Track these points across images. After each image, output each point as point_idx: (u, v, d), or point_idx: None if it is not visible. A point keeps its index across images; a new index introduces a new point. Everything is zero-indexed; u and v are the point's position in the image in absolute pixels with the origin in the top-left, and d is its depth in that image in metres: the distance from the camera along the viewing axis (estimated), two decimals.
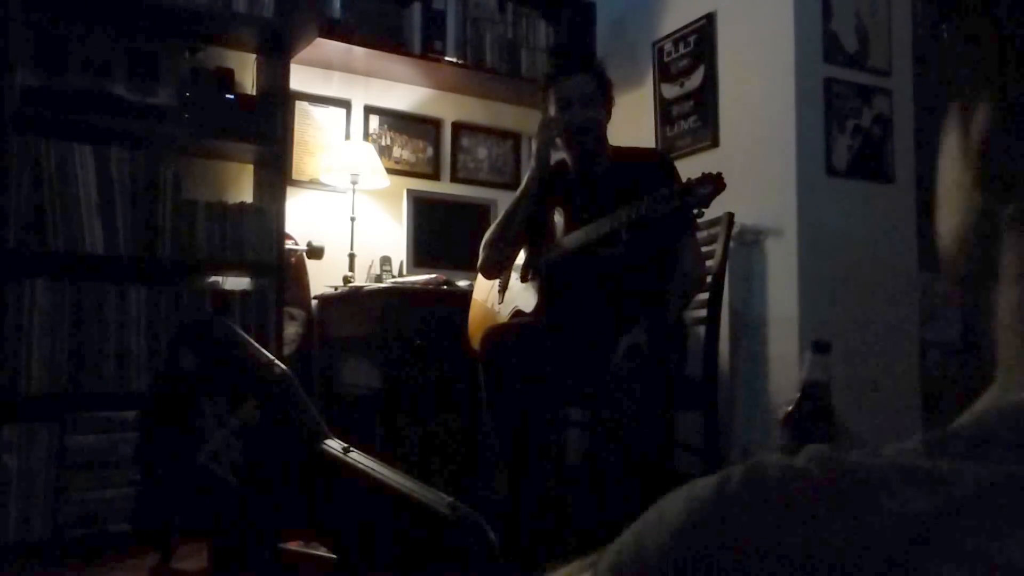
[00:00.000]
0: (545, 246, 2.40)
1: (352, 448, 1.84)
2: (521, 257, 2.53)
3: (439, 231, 3.22)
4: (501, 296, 2.59)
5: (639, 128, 3.31)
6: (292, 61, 2.88)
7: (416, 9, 3.20)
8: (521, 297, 2.48)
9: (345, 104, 3.31)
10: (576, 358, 2.24)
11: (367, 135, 3.35)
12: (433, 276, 2.90)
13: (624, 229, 2.09)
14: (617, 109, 2.48)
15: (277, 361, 1.97)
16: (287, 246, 2.80)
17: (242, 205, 2.70)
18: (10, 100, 2.35)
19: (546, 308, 2.37)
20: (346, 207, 3.12)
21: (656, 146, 3.24)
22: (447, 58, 3.24)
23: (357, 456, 1.82)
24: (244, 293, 2.67)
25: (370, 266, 3.13)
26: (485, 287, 2.67)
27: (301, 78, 3.07)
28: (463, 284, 2.89)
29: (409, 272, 3.09)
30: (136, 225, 2.46)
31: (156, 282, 2.50)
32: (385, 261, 3.13)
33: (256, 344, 2.02)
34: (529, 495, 2.21)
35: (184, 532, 2.14)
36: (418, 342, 2.77)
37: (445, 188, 3.47)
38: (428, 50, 3.20)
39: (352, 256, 3.08)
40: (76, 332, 2.35)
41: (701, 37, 3.09)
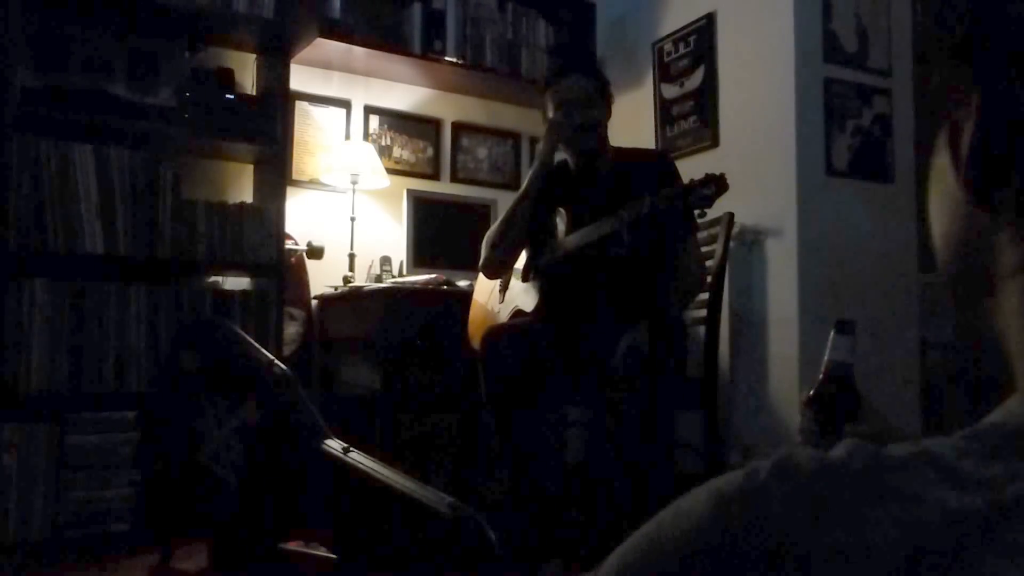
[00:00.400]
0: (546, 246, 2.40)
1: (352, 448, 1.84)
2: (522, 258, 2.53)
3: (439, 231, 3.22)
4: (502, 296, 2.59)
5: (639, 128, 3.31)
6: (292, 61, 2.88)
7: (416, 9, 3.20)
8: (521, 297, 2.48)
9: (345, 104, 3.31)
10: (576, 358, 2.24)
11: (367, 135, 3.35)
12: (433, 276, 2.90)
13: (625, 229, 2.09)
14: (617, 109, 2.48)
15: (277, 361, 1.97)
16: (287, 246, 2.80)
17: (242, 205, 2.70)
18: (10, 100, 2.35)
19: (546, 308, 2.37)
20: (346, 207, 3.11)
21: (656, 146, 3.24)
22: (447, 58, 3.25)
23: (357, 456, 1.82)
24: (244, 293, 2.67)
25: (370, 266, 3.13)
26: (486, 287, 2.67)
27: (301, 78, 3.07)
28: (463, 284, 2.89)
29: (409, 272, 3.09)
30: (136, 225, 2.46)
31: (156, 282, 2.49)
32: (385, 261, 3.13)
33: (256, 344, 2.02)
34: (529, 495, 2.21)
35: (184, 532, 2.14)
36: (418, 342, 2.77)
37: (445, 188, 3.47)
38: (428, 50, 3.20)
39: (352, 256, 3.08)
40: (76, 332, 2.34)
41: (701, 37, 3.09)
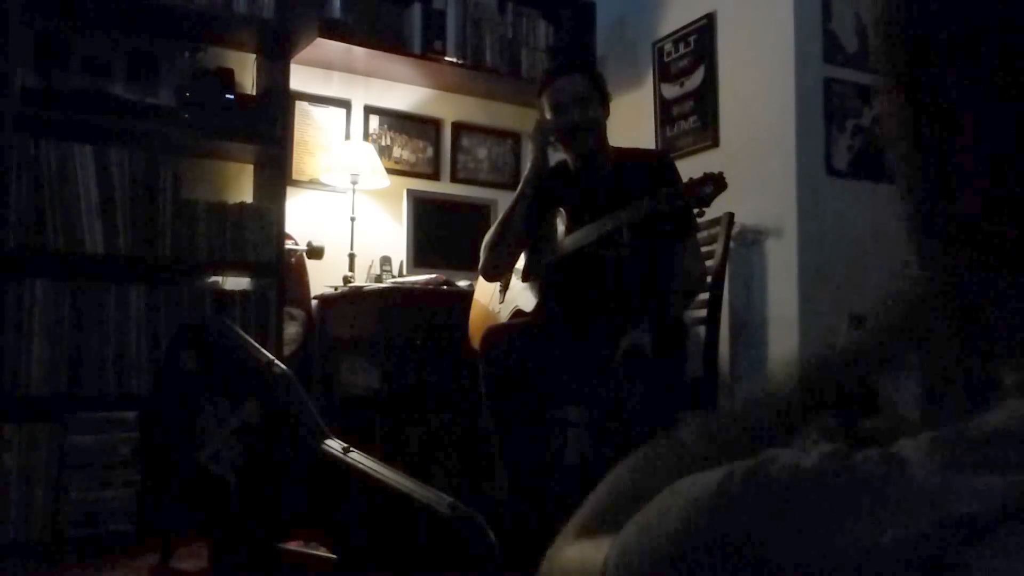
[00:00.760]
0: (546, 247, 2.40)
1: (352, 448, 1.84)
2: (523, 258, 2.53)
3: (439, 231, 3.22)
4: (502, 296, 2.59)
5: (639, 128, 3.31)
6: (292, 61, 2.88)
7: (416, 9, 3.20)
8: (521, 297, 2.48)
9: (345, 104, 3.31)
10: (576, 358, 2.24)
11: (367, 135, 3.35)
12: (433, 276, 2.90)
13: (625, 229, 2.09)
14: (617, 109, 2.48)
15: (277, 361, 1.97)
16: (287, 246, 2.80)
17: (242, 205, 2.70)
18: (10, 100, 2.35)
19: (546, 308, 2.37)
20: (346, 207, 3.11)
21: (656, 146, 3.24)
22: (447, 58, 3.24)
23: (357, 456, 1.81)
24: (244, 293, 2.67)
25: (370, 266, 3.13)
26: (487, 288, 2.67)
27: (301, 78, 3.07)
28: (463, 284, 2.89)
29: (409, 272, 3.09)
30: (136, 225, 2.46)
31: (156, 282, 2.49)
32: (385, 261, 3.13)
33: (256, 344, 2.02)
34: (529, 495, 2.21)
35: (184, 532, 2.14)
36: (418, 342, 2.77)
37: (445, 188, 3.47)
38: (428, 50, 3.20)
39: (352, 256, 3.08)
40: (76, 332, 2.34)
41: (701, 37, 3.09)
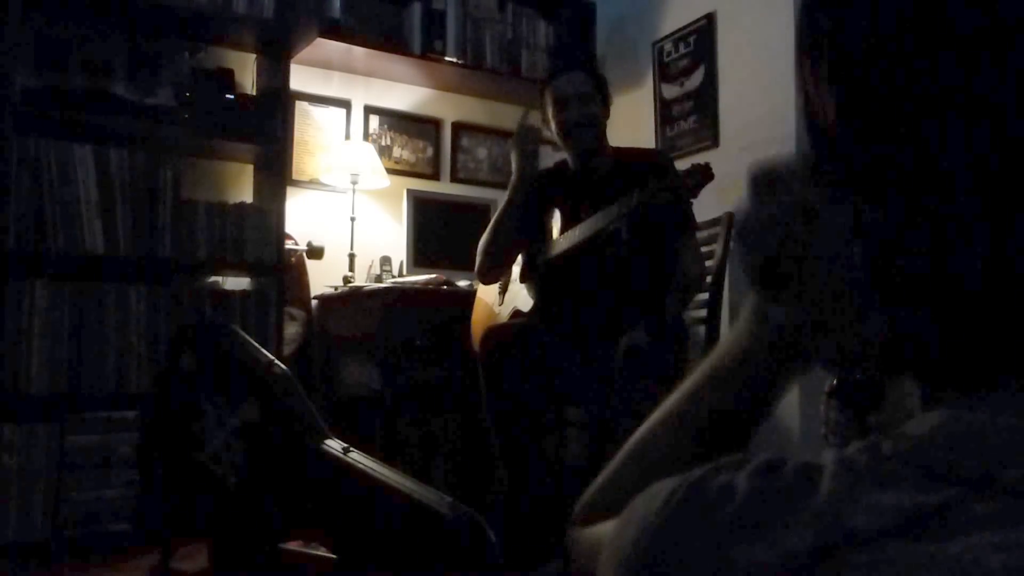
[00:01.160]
0: (543, 247, 2.40)
1: (352, 448, 1.84)
2: (522, 258, 2.53)
3: (439, 231, 3.22)
4: (501, 297, 2.59)
5: (639, 128, 3.31)
6: (292, 61, 2.87)
7: (416, 9, 3.20)
8: (521, 297, 2.48)
9: (345, 104, 3.31)
10: (575, 358, 2.24)
11: (367, 135, 3.35)
12: (433, 276, 2.90)
13: (623, 228, 2.09)
14: (617, 109, 2.48)
15: (277, 361, 1.97)
16: (287, 246, 2.80)
17: (242, 205, 2.70)
18: (10, 100, 2.35)
19: (544, 308, 2.37)
20: (346, 207, 3.11)
21: (656, 146, 3.24)
22: (447, 58, 3.24)
23: (357, 456, 1.81)
24: (244, 293, 2.67)
25: (370, 266, 3.13)
26: (491, 287, 2.67)
27: (301, 78, 3.07)
28: (463, 284, 2.89)
29: (409, 272, 3.09)
30: (136, 225, 2.46)
31: (156, 282, 2.49)
32: (385, 261, 3.13)
33: (256, 344, 2.02)
34: (528, 495, 2.21)
35: (184, 532, 2.14)
36: (418, 342, 2.77)
37: (445, 188, 3.47)
38: (428, 50, 3.20)
39: (352, 256, 3.08)
40: (76, 332, 2.34)
41: (701, 37, 3.09)
